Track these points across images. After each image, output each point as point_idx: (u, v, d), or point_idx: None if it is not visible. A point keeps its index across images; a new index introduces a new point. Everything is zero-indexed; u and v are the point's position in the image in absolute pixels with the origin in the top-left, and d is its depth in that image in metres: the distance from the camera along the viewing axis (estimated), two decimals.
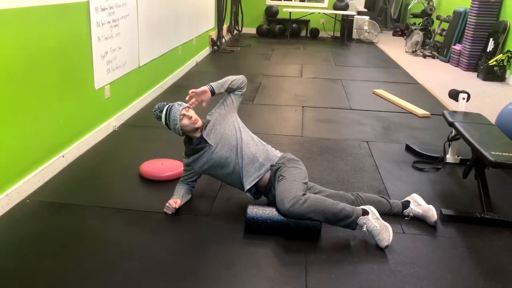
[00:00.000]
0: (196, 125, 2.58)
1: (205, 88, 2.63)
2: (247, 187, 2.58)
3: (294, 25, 10.65)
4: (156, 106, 2.67)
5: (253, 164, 2.58)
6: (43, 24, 2.86)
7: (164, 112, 2.61)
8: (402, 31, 11.33)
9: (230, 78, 2.72)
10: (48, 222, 2.51)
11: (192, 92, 2.64)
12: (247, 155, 2.58)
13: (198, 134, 2.62)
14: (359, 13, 10.93)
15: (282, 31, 10.53)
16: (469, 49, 7.25)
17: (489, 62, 6.64)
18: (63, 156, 3.16)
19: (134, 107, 4.44)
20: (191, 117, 2.57)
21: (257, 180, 2.59)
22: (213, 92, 2.65)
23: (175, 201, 2.62)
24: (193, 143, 2.65)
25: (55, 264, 2.14)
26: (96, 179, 3.05)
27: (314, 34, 10.80)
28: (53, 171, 3.05)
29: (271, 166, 2.61)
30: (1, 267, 2.11)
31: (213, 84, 2.67)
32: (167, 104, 2.64)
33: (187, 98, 2.67)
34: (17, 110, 2.66)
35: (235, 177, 2.62)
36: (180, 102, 2.64)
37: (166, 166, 3.09)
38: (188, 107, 2.62)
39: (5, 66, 2.52)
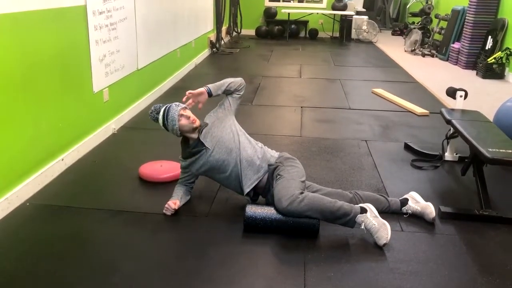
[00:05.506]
0: (195, 125, 2.59)
1: (202, 89, 2.64)
2: (246, 190, 2.59)
3: (293, 26, 10.67)
4: (152, 108, 2.67)
5: (252, 167, 2.59)
6: (40, 28, 2.87)
7: (161, 113, 2.61)
8: (401, 30, 11.34)
9: (228, 80, 2.71)
10: (48, 225, 2.53)
11: (189, 93, 2.65)
12: (245, 158, 2.58)
13: (195, 135, 2.63)
14: (358, 13, 10.94)
15: (281, 32, 10.54)
16: (467, 47, 7.26)
17: (488, 59, 6.65)
18: (62, 160, 3.18)
19: (133, 109, 4.45)
20: (189, 117, 2.59)
21: (256, 183, 2.60)
22: (210, 94, 2.66)
23: (174, 202, 2.63)
24: (190, 146, 2.66)
25: (55, 267, 2.15)
26: (96, 182, 3.06)
27: (313, 34, 10.81)
28: (53, 174, 3.07)
29: (269, 166, 2.62)
30: (1, 270, 2.12)
31: (211, 85, 2.67)
32: (164, 105, 2.65)
33: (184, 99, 2.68)
34: (16, 114, 2.68)
35: (233, 181, 2.62)
36: (177, 103, 2.64)
37: (165, 168, 3.11)
38: (186, 108, 2.64)
39: (3, 70, 2.54)
